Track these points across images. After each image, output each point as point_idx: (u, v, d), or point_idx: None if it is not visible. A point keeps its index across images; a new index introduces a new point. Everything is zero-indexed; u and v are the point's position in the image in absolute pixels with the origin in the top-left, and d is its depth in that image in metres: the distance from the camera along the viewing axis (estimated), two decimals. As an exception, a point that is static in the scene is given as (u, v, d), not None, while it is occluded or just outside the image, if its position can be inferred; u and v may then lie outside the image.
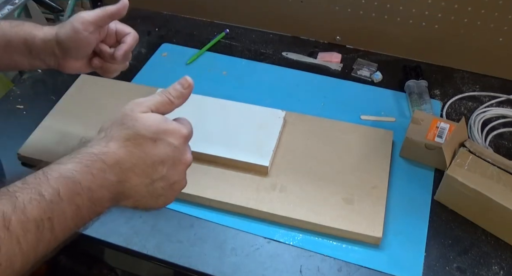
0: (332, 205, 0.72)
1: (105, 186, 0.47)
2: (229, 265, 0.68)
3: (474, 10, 0.92)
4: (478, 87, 0.97)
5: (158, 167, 0.50)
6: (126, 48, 0.68)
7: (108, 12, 0.64)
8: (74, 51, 0.65)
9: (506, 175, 0.71)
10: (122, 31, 0.69)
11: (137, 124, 0.49)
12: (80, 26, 0.63)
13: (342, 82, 0.98)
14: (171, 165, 0.51)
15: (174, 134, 0.51)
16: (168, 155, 0.50)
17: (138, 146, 0.49)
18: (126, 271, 1.21)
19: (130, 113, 0.50)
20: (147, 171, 0.49)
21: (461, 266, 0.68)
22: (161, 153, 0.50)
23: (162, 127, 0.50)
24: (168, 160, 0.50)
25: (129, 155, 0.48)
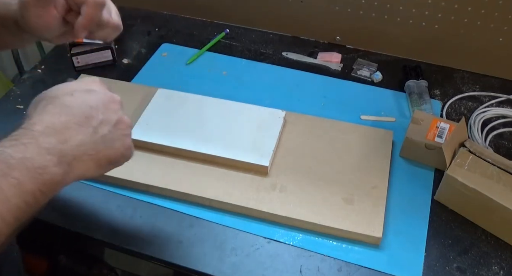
0: (332, 205, 0.72)
1: (44, 151, 0.45)
2: (229, 265, 0.68)
3: (474, 10, 0.92)
4: (478, 87, 0.97)
5: (91, 113, 0.49)
6: (84, 22, 0.56)
7: None
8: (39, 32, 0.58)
9: (506, 175, 0.71)
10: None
11: (47, 93, 0.50)
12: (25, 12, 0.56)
13: (342, 82, 0.98)
14: (103, 107, 0.50)
15: (86, 82, 0.51)
16: (92, 99, 0.50)
17: (58, 105, 0.48)
18: (126, 271, 1.21)
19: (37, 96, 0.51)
20: (82, 121, 0.48)
21: (461, 266, 0.68)
22: (86, 100, 0.49)
23: (70, 83, 0.51)
24: (97, 103, 0.50)
25: (55, 115, 0.47)
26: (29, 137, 0.46)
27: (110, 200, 0.76)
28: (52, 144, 0.46)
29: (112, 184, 0.77)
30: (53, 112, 0.48)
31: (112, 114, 0.51)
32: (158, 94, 0.88)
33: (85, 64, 0.99)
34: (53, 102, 0.49)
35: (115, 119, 0.51)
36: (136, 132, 0.81)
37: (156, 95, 0.88)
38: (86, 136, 0.48)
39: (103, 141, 0.50)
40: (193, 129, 0.82)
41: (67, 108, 0.48)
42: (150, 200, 0.76)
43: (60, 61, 1.02)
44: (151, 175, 0.76)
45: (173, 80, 0.97)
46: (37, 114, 0.48)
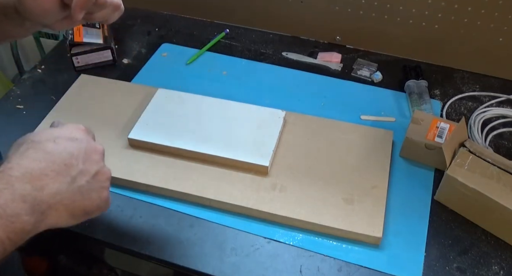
0: (332, 205, 0.72)
1: (18, 198, 0.43)
2: (229, 265, 0.68)
3: (474, 10, 0.92)
4: (478, 87, 0.97)
5: (71, 162, 0.48)
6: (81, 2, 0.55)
7: None
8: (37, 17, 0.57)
9: (506, 175, 0.71)
10: None
11: (30, 136, 0.49)
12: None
13: (342, 82, 0.98)
14: (84, 157, 0.49)
15: (70, 129, 0.51)
16: (74, 147, 0.49)
17: (39, 150, 0.47)
18: (126, 271, 1.21)
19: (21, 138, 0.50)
20: (61, 169, 0.47)
21: (461, 266, 0.68)
22: (67, 148, 0.48)
23: (55, 129, 0.50)
24: (79, 153, 0.49)
25: (35, 160, 0.46)
26: (4, 182, 0.44)
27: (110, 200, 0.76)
28: (27, 191, 0.44)
29: (112, 184, 0.77)
30: (33, 157, 0.46)
31: (93, 164, 0.50)
32: (158, 94, 0.88)
33: (85, 64, 0.99)
34: (34, 147, 0.47)
35: (95, 170, 0.50)
36: (136, 132, 0.81)
37: (156, 95, 0.88)
38: (63, 185, 0.47)
39: (80, 191, 0.48)
40: (193, 129, 0.82)
41: (48, 155, 0.47)
42: (150, 200, 0.76)
43: (60, 61, 1.02)
44: (151, 175, 0.76)
45: (173, 80, 0.97)
46: (17, 158, 0.46)
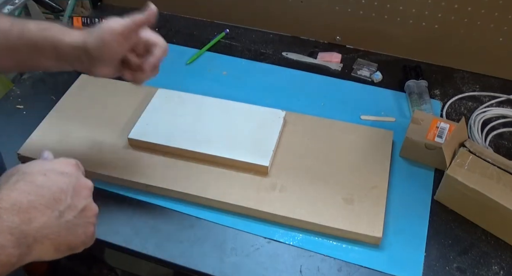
0: (332, 205, 0.72)
1: (5, 231, 0.44)
2: (229, 265, 0.68)
3: (474, 10, 0.92)
4: (478, 87, 0.97)
5: (60, 197, 0.48)
6: (154, 61, 0.66)
7: (136, 21, 0.62)
8: (101, 59, 0.63)
9: (506, 175, 0.71)
10: (152, 41, 0.66)
11: (21, 168, 0.49)
12: (109, 38, 0.61)
13: (342, 82, 0.98)
14: (73, 192, 0.50)
15: (61, 164, 0.51)
16: (64, 182, 0.49)
17: (29, 183, 0.47)
18: (126, 271, 1.21)
19: (11, 168, 0.50)
20: (51, 204, 0.47)
21: (461, 266, 0.68)
22: (57, 182, 0.49)
23: (46, 162, 0.51)
24: (68, 188, 0.49)
25: (24, 193, 0.46)
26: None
27: (110, 200, 0.76)
28: (15, 223, 0.44)
29: (112, 184, 0.77)
30: (23, 189, 0.47)
31: (81, 200, 0.50)
32: (158, 94, 0.88)
33: (85, 64, 0.99)
34: (24, 179, 0.48)
35: (83, 206, 0.50)
36: (136, 132, 0.81)
37: (156, 95, 0.88)
38: (51, 219, 0.47)
39: (67, 226, 0.48)
40: (193, 129, 0.81)
41: (37, 188, 0.47)
42: (150, 200, 0.76)
43: (60, 61, 1.02)
44: (151, 175, 0.76)
45: (173, 80, 0.97)
46: (6, 189, 0.47)
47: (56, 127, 0.84)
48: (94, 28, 0.63)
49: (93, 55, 0.62)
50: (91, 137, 0.82)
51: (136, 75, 0.67)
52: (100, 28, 0.62)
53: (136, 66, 0.66)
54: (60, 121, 0.85)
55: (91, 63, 0.63)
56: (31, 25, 0.63)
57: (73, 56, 0.63)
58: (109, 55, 0.63)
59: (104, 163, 0.78)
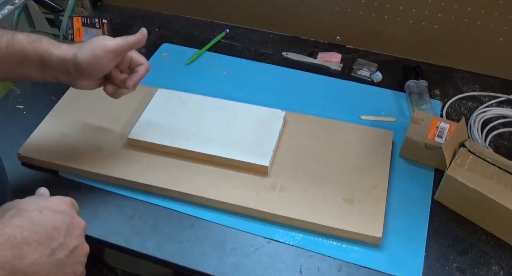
0: (332, 205, 0.72)
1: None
2: (229, 265, 0.68)
3: (474, 10, 0.92)
4: (478, 87, 0.97)
5: (54, 234, 0.49)
6: (138, 78, 0.71)
7: (129, 42, 0.67)
8: (89, 73, 0.67)
9: (506, 175, 0.71)
10: (137, 61, 0.71)
11: (18, 204, 0.50)
12: (100, 54, 0.65)
13: (342, 82, 0.98)
14: (66, 230, 0.51)
15: (56, 202, 0.52)
16: (59, 220, 0.50)
17: (24, 219, 0.48)
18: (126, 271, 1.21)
19: (8, 203, 0.51)
20: (43, 241, 0.48)
21: (461, 266, 0.68)
22: (51, 220, 0.50)
23: (43, 200, 0.52)
24: (62, 226, 0.50)
25: (18, 229, 0.47)
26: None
27: (110, 200, 0.76)
28: (7, 258, 0.45)
29: (112, 184, 0.77)
30: (17, 225, 0.47)
31: (73, 239, 0.51)
32: (158, 94, 0.88)
33: (85, 64, 0.99)
34: (20, 215, 0.49)
35: (74, 245, 0.51)
36: (136, 132, 0.81)
37: (156, 95, 0.88)
38: (42, 256, 0.48)
39: (57, 264, 0.49)
40: (193, 129, 0.82)
41: (32, 224, 0.48)
42: (150, 200, 0.76)
43: (60, 61, 1.02)
44: (151, 175, 0.76)
45: (173, 80, 0.97)
46: (1, 224, 0.48)
47: (56, 127, 0.84)
48: (85, 42, 0.66)
49: (82, 68, 0.66)
50: (91, 137, 0.82)
51: (118, 90, 0.72)
52: (92, 42, 0.66)
53: (119, 82, 0.71)
54: (60, 121, 0.85)
55: (77, 76, 0.67)
56: (21, 36, 0.66)
57: (61, 69, 0.66)
58: (97, 70, 0.67)
59: (104, 163, 0.78)
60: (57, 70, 0.67)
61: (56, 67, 0.66)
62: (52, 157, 0.79)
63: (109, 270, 1.16)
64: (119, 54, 0.68)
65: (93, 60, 0.65)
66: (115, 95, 0.73)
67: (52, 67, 0.66)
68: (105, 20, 1.04)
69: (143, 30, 0.68)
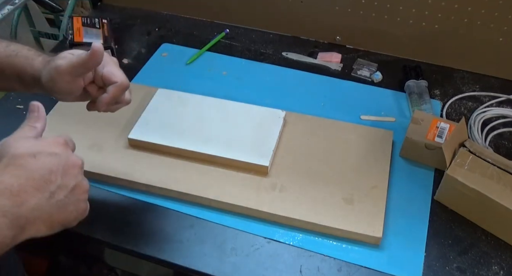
0: (332, 205, 0.72)
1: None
2: (229, 265, 0.68)
3: (474, 10, 0.92)
4: (478, 87, 0.97)
5: (50, 178, 0.49)
6: (108, 100, 0.62)
7: (80, 61, 0.58)
8: (57, 93, 0.62)
9: (506, 175, 0.71)
10: (107, 79, 0.62)
11: (11, 149, 0.49)
12: (56, 76, 0.60)
13: (342, 82, 0.98)
14: (63, 172, 0.50)
15: (50, 144, 0.52)
16: (54, 163, 0.50)
17: (19, 166, 0.48)
18: (126, 271, 1.21)
19: (1, 146, 0.50)
20: (40, 185, 0.48)
21: (461, 266, 0.68)
22: (45, 164, 0.49)
23: (36, 142, 0.51)
24: (58, 168, 0.50)
25: (14, 177, 0.47)
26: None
27: (110, 200, 0.76)
28: (7, 206, 0.45)
29: (112, 184, 0.77)
30: (13, 173, 0.47)
31: (71, 179, 0.51)
32: (158, 94, 0.88)
33: (85, 64, 0.99)
34: (14, 163, 0.48)
35: (73, 184, 0.51)
36: (136, 132, 0.81)
37: (156, 95, 0.88)
38: (41, 200, 0.48)
39: (58, 206, 0.49)
40: (193, 129, 0.82)
41: (28, 172, 0.48)
42: (150, 200, 0.76)
43: (60, 61, 1.02)
44: (151, 175, 0.76)
45: (173, 80, 0.97)
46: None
47: (56, 127, 0.84)
48: (51, 59, 0.61)
49: (48, 89, 0.62)
50: (91, 137, 0.82)
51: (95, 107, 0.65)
52: (52, 62, 0.60)
53: (95, 99, 0.64)
54: (60, 121, 0.85)
55: (53, 94, 0.63)
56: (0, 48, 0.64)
57: (36, 86, 0.64)
58: (61, 91, 0.61)
59: (104, 163, 0.78)
60: (34, 87, 0.64)
61: (31, 84, 0.64)
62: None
63: (109, 270, 1.16)
64: (78, 74, 0.60)
65: (52, 83, 0.60)
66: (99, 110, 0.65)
67: (27, 83, 0.64)
68: (105, 20, 1.04)
69: (93, 46, 0.57)
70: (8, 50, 0.64)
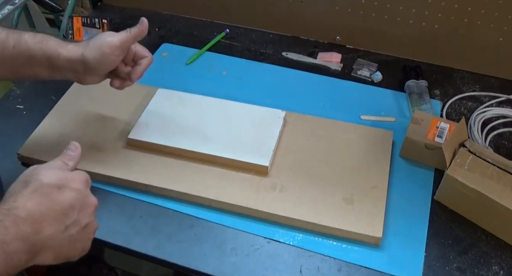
0: (332, 205, 0.72)
1: (19, 238, 0.47)
2: (229, 265, 0.68)
3: (474, 10, 0.92)
4: (478, 87, 0.97)
5: (68, 212, 0.52)
6: (142, 71, 0.73)
7: (132, 34, 0.68)
8: (98, 70, 0.69)
9: (506, 175, 0.71)
10: (141, 54, 0.73)
11: (40, 177, 0.52)
12: (108, 50, 0.67)
13: (342, 82, 0.98)
14: (80, 208, 0.53)
15: (75, 180, 0.54)
16: (75, 199, 0.52)
17: (44, 195, 0.51)
18: (126, 271, 1.21)
19: (31, 171, 0.54)
20: (59, 218, 0.51)
21: (461, 266, 0.68)
22: (68, 198, 0.52)
23: (63, 175, 0.54)
24: (76, 204, 0.53)
25: (38, 205, 0.50)
26: (11, 221, 0.47)
27: (110, 200, 0.76)
28: (28, 233, 0.48)
29: (112, 184, 0.77)
30: (37, 200, 0.50)
31: (86, 217, 0.54)
32: (158, 94, 0.88)
33: (85, 64, 0.99)
34: (40, 191, 0.51)
35: (86, 222, 0.54)
36: (136, 132, 0.81)
37: (156, 95, 0.88)
38: (57, 232, 0.50)
39: (69, 239, 0.52)
40: (193, 129, 0.81)
41: (51, 202, 0.51)
42: (150, 200, 0.76)
43: (60, 61, 1.02)
44: (151, 175, 0.76)
45: (173, 80, 0.97)
46: (23, 197, 0.50)
47: (56, 127, 0.84)
48: (90, 41, 0.68)
49: (91, 66, 0.68)
50: (91, 137, 0.82)
51: (123, 83, 0.74)
52: (98, 41, 0.67)
53: (124, 75, 0.73)
54: (60, 121, 0.85)
55: (85, 74, 0.69)
56: (27, 36, 0.67)
57: (69, 68, 0.68)
58: (106, 67, 0.69)
59: (104, 163, 0.78)
60: (65, 70, 0.68)
61: (64, 67, 0.68)
62: (52, 157, 0.78)
63: (109, 270, 1.17)
64: (126, 48, 0.69)
65: (101, 58, 0.67)
66: (120, 88, 0.74)
67: (60, 67, 0.68)
68: (105, 20, 1.04)
69: (143, 20, 0.69)
70: (37, 37, 0.68)
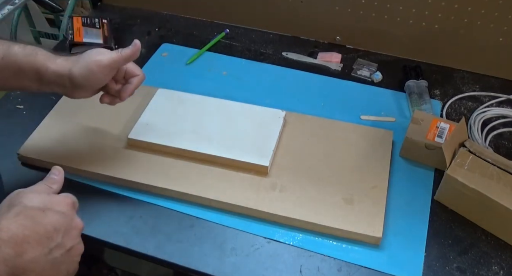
0: (332, 205, 0.72)
1: (1, 260, 0.47)
2: (229, 265, 0.68)
3: (474, 10, 0.92)
4: (478, 87, 0.97)
5: (52, 235, 0.51)
6: (132, 90, 0.73)
7: (123, 55, 0.68)
8: (85, 87, 0.68)
9: (506, 175, 0.71)
10: (132, 72, 0.73)
11: (24, 200, 0.52)
12: (96, 69, 0.66)
13: (342, 82, 0.98)
14: (65, 232, 0.52)
15: (60, 202, 0.54)
16: (59, 221, 0.52)
17: (28, 218, 0.50)
18: (126, 271, 1.21)
19: (15, 195, 0.53)
20: (42, 241, 0.50)
21: (461, 266, 0.68)
22: (52, 221, 0.51)
23: (48, 198, 0.54)
24: (61, 227, 0.52)
25: (21, 227, 0.49)
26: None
27: (110, 200, 0.76)
28: (10, 255, 0.47)
29: (112, 184, 0.77)
30: (21, 223, 0.49)
31: (70, 240, 0.53)
32: (158, 94, 0.88)
33: (85, 64, 0.99)
34: (24, 213, 0.50)
35: (70, 245, 0.53)
36: (136, 132, 0.81)
37: (156, 95, 0.88)
38: (40, 255, 0.50)
39: (52, 262, 0.51)
40: (193, 129, 0.82)
41: (34, 224, 0.50)
42: (150, 200, 0.76)
43: (60, 61, 1.02)
44: (151, 175, 0.76)
45: (173, 80, 0.97)
46: (6, 220, 0.49)
47: (56, 127, 0.84)
48: (80, 57, 0.67)
49: (78, 83, 0.67)
50: (91, 137, 0.82)
51: (113, 100, 0.73)
52: (87, 58, 0.67)
53: (114, 92, 0.73)
54: (60, 121, 0.85)
55: (73, 89, 0.68)
56: (17, 48, 0.67)
57: (57, 83, 0.67)
58: (94, 84, 0.68)
59: (104, 163, 0.78)
60: (53, 84, 0.68)
61: (52, 81, 0.67)
62: (52, 157, 0.79)
63: (109, 270, 1.17)
64: (115, 68, 0.69)
65: (89, 76, 0.66)
66: (111, 104, 0.74)
67: (48, 81, 0.67)
68: (105, 20, 1.04)
69: (136, 43, 0.68)
70: (27, 49, 0.67)
